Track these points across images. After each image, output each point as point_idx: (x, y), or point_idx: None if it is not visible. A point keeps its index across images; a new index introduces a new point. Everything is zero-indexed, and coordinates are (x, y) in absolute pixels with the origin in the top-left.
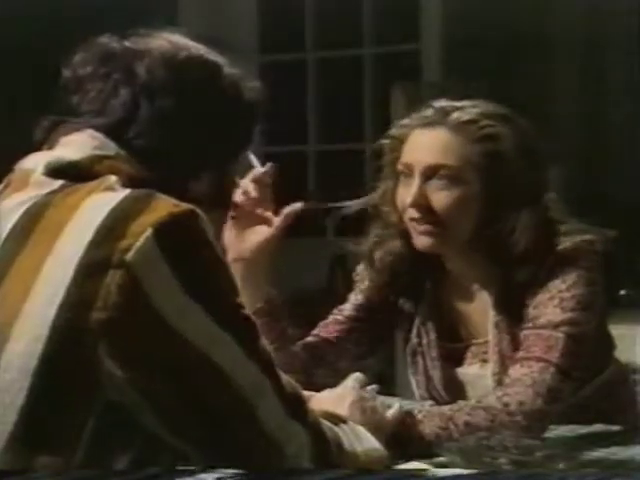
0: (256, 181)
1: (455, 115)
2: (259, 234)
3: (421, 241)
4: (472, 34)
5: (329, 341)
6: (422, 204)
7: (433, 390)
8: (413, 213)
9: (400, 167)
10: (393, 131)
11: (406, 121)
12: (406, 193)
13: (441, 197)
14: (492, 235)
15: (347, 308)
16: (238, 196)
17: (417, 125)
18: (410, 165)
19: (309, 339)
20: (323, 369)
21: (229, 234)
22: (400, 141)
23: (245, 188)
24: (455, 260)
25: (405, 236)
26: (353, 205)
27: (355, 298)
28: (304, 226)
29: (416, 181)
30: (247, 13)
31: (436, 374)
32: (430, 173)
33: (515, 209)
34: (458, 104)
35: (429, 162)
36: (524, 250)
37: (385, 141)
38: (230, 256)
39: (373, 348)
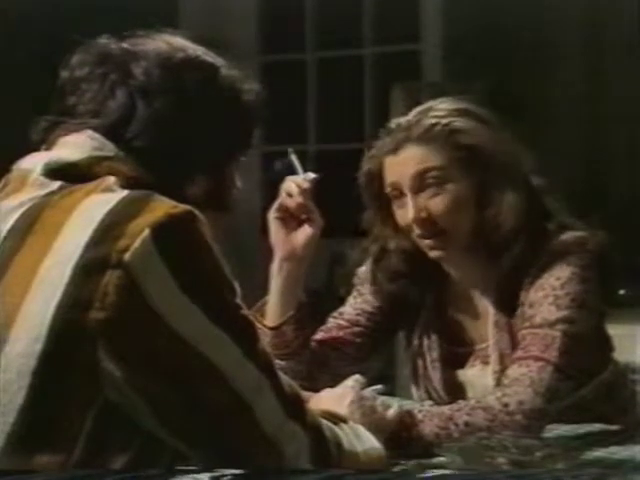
0: (299, 186)
1: (417, 127)
2: (306, 232)
3: (433, 254)
4: (472, 34)
5: (332, 346)
6: (422, 217)
7: (432, 392)
8: (417, 230)
9: (388, 189)
10: (365, 167)
11: (373, 152)
12: (404, 213)
13: (437, 203)
14: (482, 223)
15: (347, 312)
16: (283, 199)
17: (385, 153)
18: (397, 183)
19: (312, 345)
20: (326, 374)
21: (277, 234)
22: (375, 174)
23: (288, 190)
24: (457, 263)
25: (406, 260)
26: (356, 252)
27: (355, 302)
28: None
29: (409, 197)
30: (247, 13)
31: (436, 376)
32: (419, 183)
33: (498, 194)
34: (413, 117)
35: (414, 171)
36: (510, 231)
37: (361, 180)
38: (280, 255)
39: (375, 351)
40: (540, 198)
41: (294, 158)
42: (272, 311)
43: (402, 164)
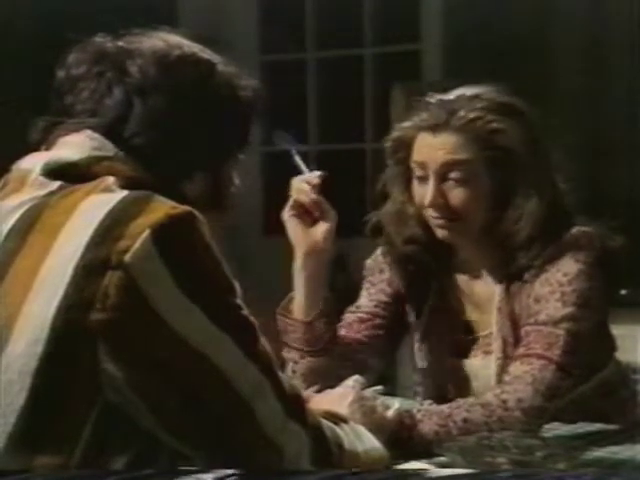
0: (309, 183)
1: (458, 115)
2: (323, 225)
3: (441, 233)
4: (472, 34)
5: (359, 341)
6: (439, 203)
7: (438, 377)
8: (432, 212)
9: (413, 165)
10: (395, 134)
11: (408, 123)
12: (422, 191)
13: (457, 194)
14: (499, 222)
15: (365, 305)
16: (297, 196)
17: (421, 127)
18: (424, 164)
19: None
20: (353, 370)
21: (296, 231)
22: (404, 142)
23: (299, 188)
24: (467, 247)
25: (422, 225)
26: (372, 216)
27: (369, 293)
28: None
29: (432, 181)
30: (247, 13)
31: (443, 361)
32: (445, 170)
33: (522, 198)
34: (456, 98)
35: (443, 160)
36: (528, 238)
37: (387, 144)
38: (302, 251)
39: (396, 343)
40: (562, 204)
41: (297, 158)
42: (300, 307)
43: (434, 148)
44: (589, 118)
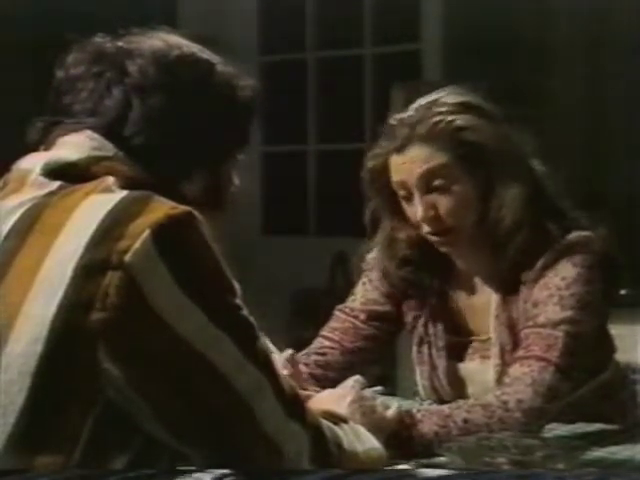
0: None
1: (420, 125)
2: None
3: (443, 249)
4: (472, 34)
5: (355, 351)
6: (431, 215)
7: (436, 380)
8: (426, 228)
9: (395, 187)
10: (368, 164)
11: (377, 150)
12: (413, 210)
13: (446, 202)
14: (487, 216)
15: (360, 304)
16: None
17: (390, 151)
18: (403, 182)
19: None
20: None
21: None
22: (378, 170)
23: None
24: (463, 254)
25: (413, 246)
26: (372, 245)
27: (365, 288)
28: (304, 226)
29: (416, 196)
30: (247, 13)
31: (441, 364)
32: (424, 182)
33: (502, 186)
34: (415, 112)
35: (419, 172)
36: (513, 223)
37: (364, 176)
38: None
39: (391, 340)
40: (545, 190)
41: None
42: None
43: (408, 163)
44: (589, 118)
